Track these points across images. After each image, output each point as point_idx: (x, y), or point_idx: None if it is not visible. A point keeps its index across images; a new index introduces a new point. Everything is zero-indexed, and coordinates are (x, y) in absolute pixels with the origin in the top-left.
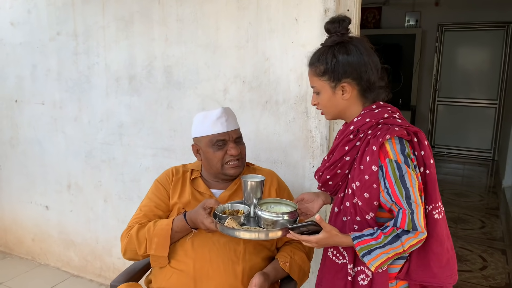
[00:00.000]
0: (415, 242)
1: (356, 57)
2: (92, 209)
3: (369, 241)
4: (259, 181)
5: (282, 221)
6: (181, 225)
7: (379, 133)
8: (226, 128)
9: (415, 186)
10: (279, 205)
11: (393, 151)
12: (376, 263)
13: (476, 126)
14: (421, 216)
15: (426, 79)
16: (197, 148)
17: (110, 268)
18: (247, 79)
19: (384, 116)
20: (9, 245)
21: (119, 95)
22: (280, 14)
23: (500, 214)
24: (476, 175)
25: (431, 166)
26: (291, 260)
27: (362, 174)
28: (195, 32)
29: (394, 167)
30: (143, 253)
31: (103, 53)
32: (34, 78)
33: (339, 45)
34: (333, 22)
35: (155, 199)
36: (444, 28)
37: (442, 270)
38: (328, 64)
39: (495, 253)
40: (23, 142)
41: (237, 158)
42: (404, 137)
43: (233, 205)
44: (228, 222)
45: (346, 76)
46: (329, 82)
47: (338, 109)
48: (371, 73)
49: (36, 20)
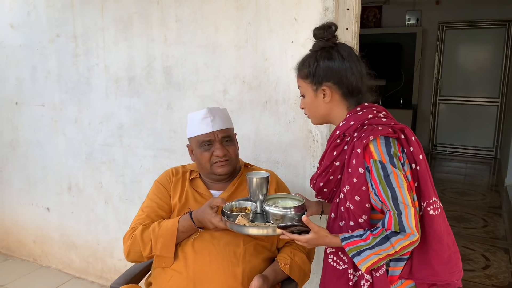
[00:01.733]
0: (406, 244)
1: (337, 62)
2: (93, 211)
3: (358, 242)
4: (264, 177)
5: (291, 215)
6: (187, 225)
7: (363, 135)
8: (211, 128)
9: (403, 186)
10: (285, 199)
11: (378, 152)
12: (366, 264)
13: (478, 124)
14: (411, 217)
15: (427, 77)
16: (191, 149)
17: (111, 269)
18: (247, 79)
19: (368, 117)
20: (10, 247)
21: (118, 96)
22: (279, 14)
23: (502, 212)
24: (478, 173)
25: (421, 162)
26: (291, 262)
27: (350, 178)
28: (194, 32)
29: (379, 167)
30: (147, 254)
31: (102, 55)
32: (34, 80)
33: (322, 50)
34: (319, 28)
35: (157, 200)
36: (445, 27)
37: (444, 267)
38: (310, 68)
39: (498, 252)
40: (23, 144)
41: (225, 159)
42: (390, 135)
43: (241, 203)
44: (239, 220)
45: (327, 80)
46: (311, 85)
47: (321, 113)
48: (353, 77)
49: (35, 22)
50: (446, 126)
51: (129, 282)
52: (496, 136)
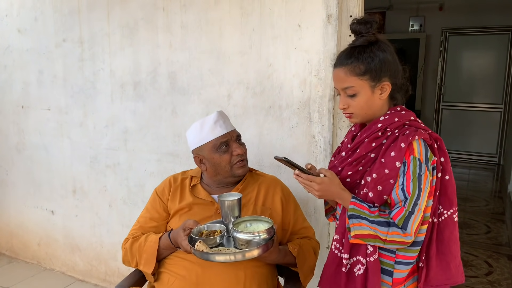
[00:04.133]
0: (399, 241)
1: (390, 57)
2: (97, 214)
3: (364, 208)
4: (236, 200)
5: (257, 240)
6: (166, 243)
7: (408, 132)
8: (225, 130)
9: (427, 189)
10: (257, 222)
11: (419, 150)
12: (356, 231)
13: (481, 130)
14: (417, 222)
15: (430, 83)
16: (200, 158)
17: (115, 272)
18: (251, 85)
19: (410, 119)
20: (15, 249)
21: (124, 101)
22: (283, 20)
23: (506, 219)
24: (482, 179)
25: (451, 172)
26: (299, 249)
27: (382, 168)
28: (199, 38)
29: (416, 164)
30: (135, 267)
31: (108, 60)
32: (40, 84)
33: (373, 44)
34: (363, 23)
35: (151, 210)
36: (449, 33)
37: (457, 270)
38: (370, 63)
39: (500, 258)
40: (29, 148)
41: (244, 158)
42: (427, 141)
43: (210, 225)
44: (197, 246)
45: (385, 75)
46: (369, 82)
47: (372, 110)
48: (400, 73)
49: (42, 27)
50: (450, 132)
51: (133, 285)
52: (499, 142)
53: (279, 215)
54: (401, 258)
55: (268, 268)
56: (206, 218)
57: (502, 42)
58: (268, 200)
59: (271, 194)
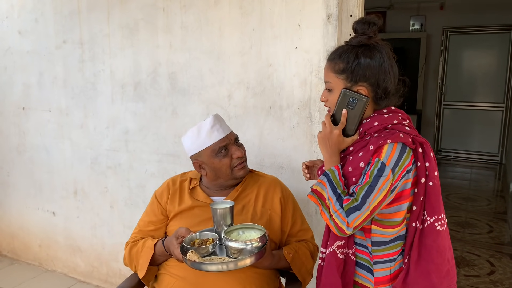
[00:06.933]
0: (339, 225)
1: (378, 63)
2: (98, 215)
3: (341, 180)
4: (228, 207)
5: (249, 248)
6: (161, 250)
7: (383, 135)
8: (223, 133)
9: (382, 192)
10: (249, 230)
11: (387, 155)
12: (317, 187)
13: (482, 129)
14: (361, 219)
15: (431, 83)
16: (199, 163)
17: (116, 274)
18: (251, 85)
19: (393, 122)
20: (16, 251)
21: (124, 101)
22: (283, 20)
23: (508, 218)
24: (484, 179)
25: (436, 178)
26: (294, 254)
27: (347, 166)
28: (199, 38)
29: (378, 167)
30: (134, 271)
31: (108, 61)
32: (41, 85)
33: (364, 47)
34: (362, 22)
35: (150, 214)
36: (449, 32)
37: (442, 281)
38: (349, 64)
39: (503, 257)
40: (30, 149)
41: (244, 160)
42: (409, 145)
43: (202, 234)
44: (189, 255)
45: (364, 80)
46: (345, 82)
47: None
48: (389, 82)
49: (43, 28)
50: (451, 131)
51: (134, 286)
52: (501, 141)
53: (278, 216)
54: (376, 258)
55: (269, 270)
56: (205, 220)
57: (503, 41)
58: (268, 201)
59: (271, 195)
